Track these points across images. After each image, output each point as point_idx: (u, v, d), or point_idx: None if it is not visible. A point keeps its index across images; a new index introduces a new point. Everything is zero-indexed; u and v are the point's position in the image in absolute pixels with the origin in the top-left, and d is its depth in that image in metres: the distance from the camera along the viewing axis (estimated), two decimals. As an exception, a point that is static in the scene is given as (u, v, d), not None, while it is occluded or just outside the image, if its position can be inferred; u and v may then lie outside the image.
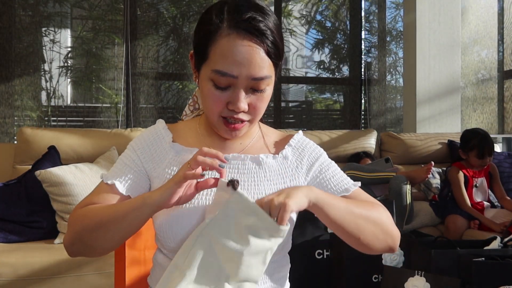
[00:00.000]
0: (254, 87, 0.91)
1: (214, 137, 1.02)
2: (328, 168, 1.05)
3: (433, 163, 2.88)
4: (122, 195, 0.96)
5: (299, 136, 1.08)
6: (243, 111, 0.93)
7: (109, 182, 0.97)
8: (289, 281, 1.05)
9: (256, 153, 1.02)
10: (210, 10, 0.93)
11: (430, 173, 2.87)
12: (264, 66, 0.90)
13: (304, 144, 1.07)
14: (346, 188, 1.02)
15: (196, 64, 0.97)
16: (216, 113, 0.94)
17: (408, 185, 2.70)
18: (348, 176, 1.06)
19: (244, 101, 0.91)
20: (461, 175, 2.97)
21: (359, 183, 1.04)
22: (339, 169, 1.07)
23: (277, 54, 0.93)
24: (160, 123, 1.05)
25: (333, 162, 1.08)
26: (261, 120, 1.09)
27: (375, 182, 2.83)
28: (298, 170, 1.03)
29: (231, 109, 0.92)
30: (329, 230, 2.08)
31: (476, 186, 3.04)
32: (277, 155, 1.03)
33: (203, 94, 0.95)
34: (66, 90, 4.14)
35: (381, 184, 2.84)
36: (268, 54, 0.90)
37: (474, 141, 2.93)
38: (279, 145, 1.07)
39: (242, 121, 0.95)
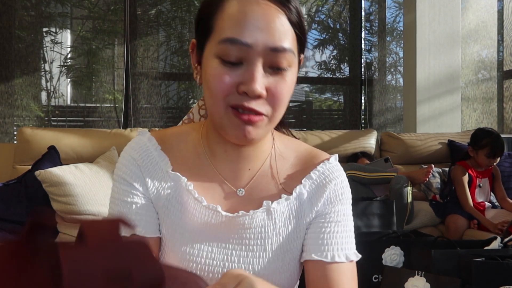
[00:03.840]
0: (273, 64, 0.66)
1: (220, 157, 0.76)
2: (341, 220, 0.77)
3: (433, 166, 2.88)
4: (152, 238, 0.73)
5: (328, 165, 0.79)
6: (259, 96, 0.66)
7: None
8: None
9: (265, 187, 0.77)
10: None
11: (429, 176, 2.88)
12: (286, 35, 0.66)
13: (331, 177, 0.78)
14: (346, 255, 0.74)
15: (198, 46, 0.72)
16: (222, 101, 0.66)
17: (409, 186, 2.71)
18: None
19: (260, 81, 0.65)
20: (466, 175, 2.96)
21: (357, 257, 0.76)
22: (352, 227, 0.79)
23: (301, 28, 0.69)
24: (144, 134, 0.79)
25: (351, 217, 0.79)
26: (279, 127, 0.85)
27: (376, 182, 2.84)
28: (311, 212, 0.77)
29: (242, 91, 0.65)
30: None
31: (480, 186, 3.03)
32: (291, 196, 0.76)
33: (206, 81, 0.68)
34: (66, 90, 4.14)
35: (381, 184, 2.85)
36: (291, 22, 0.67)
37: (487, 140, 2.91)
38: (297, 176, 0.79)
39: (258, 113, 0.67)
